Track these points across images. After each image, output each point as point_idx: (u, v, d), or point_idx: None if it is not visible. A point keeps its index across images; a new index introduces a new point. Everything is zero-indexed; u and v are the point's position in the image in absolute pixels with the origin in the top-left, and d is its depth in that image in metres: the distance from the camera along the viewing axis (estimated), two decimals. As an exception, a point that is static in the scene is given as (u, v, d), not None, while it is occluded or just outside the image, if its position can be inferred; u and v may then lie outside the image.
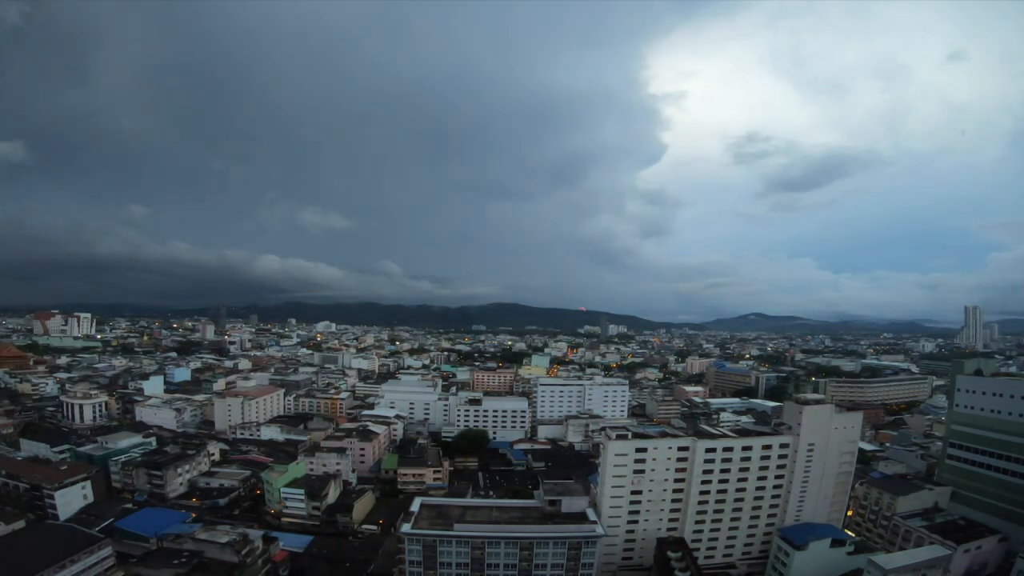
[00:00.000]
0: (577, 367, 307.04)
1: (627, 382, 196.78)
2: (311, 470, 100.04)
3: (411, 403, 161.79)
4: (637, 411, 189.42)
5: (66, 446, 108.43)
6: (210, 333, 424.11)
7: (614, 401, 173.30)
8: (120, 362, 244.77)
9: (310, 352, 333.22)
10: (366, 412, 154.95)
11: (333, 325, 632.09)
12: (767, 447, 76.00)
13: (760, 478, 75.78)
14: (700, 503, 74.61)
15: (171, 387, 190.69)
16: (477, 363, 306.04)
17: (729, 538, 76.51)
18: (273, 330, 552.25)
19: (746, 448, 75.34)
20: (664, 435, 79.47)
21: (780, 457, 76.22)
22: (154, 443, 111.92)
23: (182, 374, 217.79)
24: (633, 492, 73.69)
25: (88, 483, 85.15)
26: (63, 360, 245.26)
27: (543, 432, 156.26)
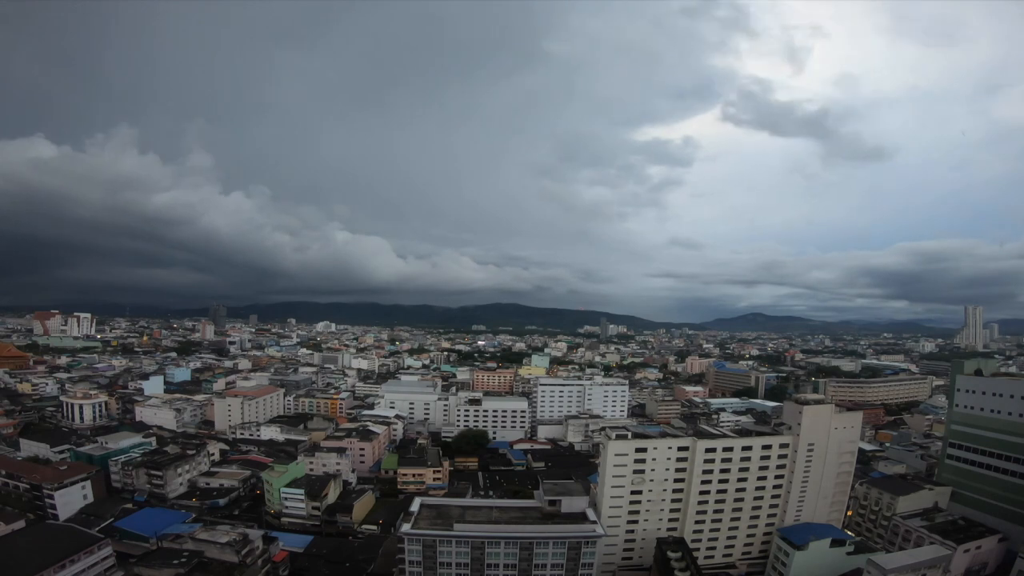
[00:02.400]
0: (577, 367, 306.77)
1: (627, 382, 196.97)
2: (311, 470, 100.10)
3: (411, 403, 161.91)
4: (637, 411, 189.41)
5: (66, 446, 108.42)
6: (210, 333, 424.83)
7: (614, 401, 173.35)
8: (120, 362, 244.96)
9: (310, 352, 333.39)
10: (366, 412, 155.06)
11: (333, 325, 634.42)
12: (767, 447, 76.09)
13: (760, 478, 75.86)
14: (700, 503, 74.67)
15: (171, 387, 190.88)
16: (477, 363, 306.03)
17: (729, 538, 76.58)
18: (273, 330, 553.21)
19: (746, 448, 75.41)
20: (664, 435, 79.56)
21: (780, 457, 76.29)
22: (154, 443, 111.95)
23: (182, 374, 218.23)
24: (633, 492, 73.75)
25: (88, 483, 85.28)
26: (63, 360, 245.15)
27: (543, 432, 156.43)
